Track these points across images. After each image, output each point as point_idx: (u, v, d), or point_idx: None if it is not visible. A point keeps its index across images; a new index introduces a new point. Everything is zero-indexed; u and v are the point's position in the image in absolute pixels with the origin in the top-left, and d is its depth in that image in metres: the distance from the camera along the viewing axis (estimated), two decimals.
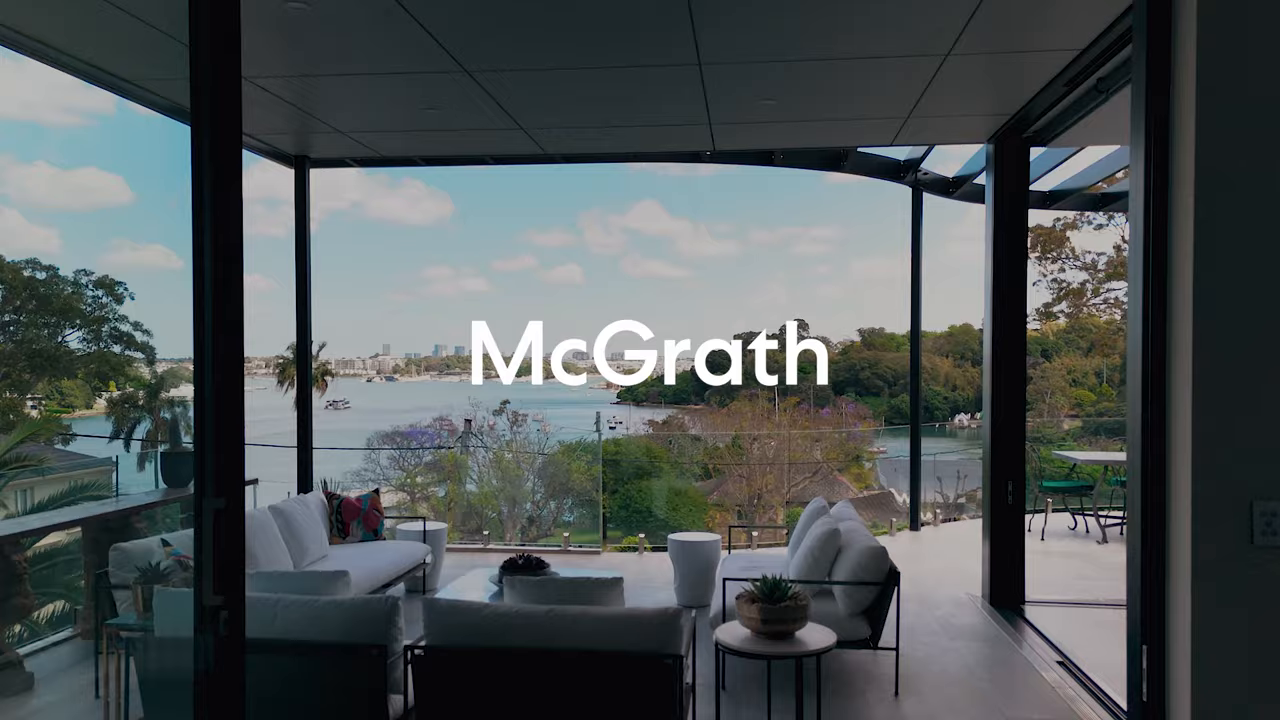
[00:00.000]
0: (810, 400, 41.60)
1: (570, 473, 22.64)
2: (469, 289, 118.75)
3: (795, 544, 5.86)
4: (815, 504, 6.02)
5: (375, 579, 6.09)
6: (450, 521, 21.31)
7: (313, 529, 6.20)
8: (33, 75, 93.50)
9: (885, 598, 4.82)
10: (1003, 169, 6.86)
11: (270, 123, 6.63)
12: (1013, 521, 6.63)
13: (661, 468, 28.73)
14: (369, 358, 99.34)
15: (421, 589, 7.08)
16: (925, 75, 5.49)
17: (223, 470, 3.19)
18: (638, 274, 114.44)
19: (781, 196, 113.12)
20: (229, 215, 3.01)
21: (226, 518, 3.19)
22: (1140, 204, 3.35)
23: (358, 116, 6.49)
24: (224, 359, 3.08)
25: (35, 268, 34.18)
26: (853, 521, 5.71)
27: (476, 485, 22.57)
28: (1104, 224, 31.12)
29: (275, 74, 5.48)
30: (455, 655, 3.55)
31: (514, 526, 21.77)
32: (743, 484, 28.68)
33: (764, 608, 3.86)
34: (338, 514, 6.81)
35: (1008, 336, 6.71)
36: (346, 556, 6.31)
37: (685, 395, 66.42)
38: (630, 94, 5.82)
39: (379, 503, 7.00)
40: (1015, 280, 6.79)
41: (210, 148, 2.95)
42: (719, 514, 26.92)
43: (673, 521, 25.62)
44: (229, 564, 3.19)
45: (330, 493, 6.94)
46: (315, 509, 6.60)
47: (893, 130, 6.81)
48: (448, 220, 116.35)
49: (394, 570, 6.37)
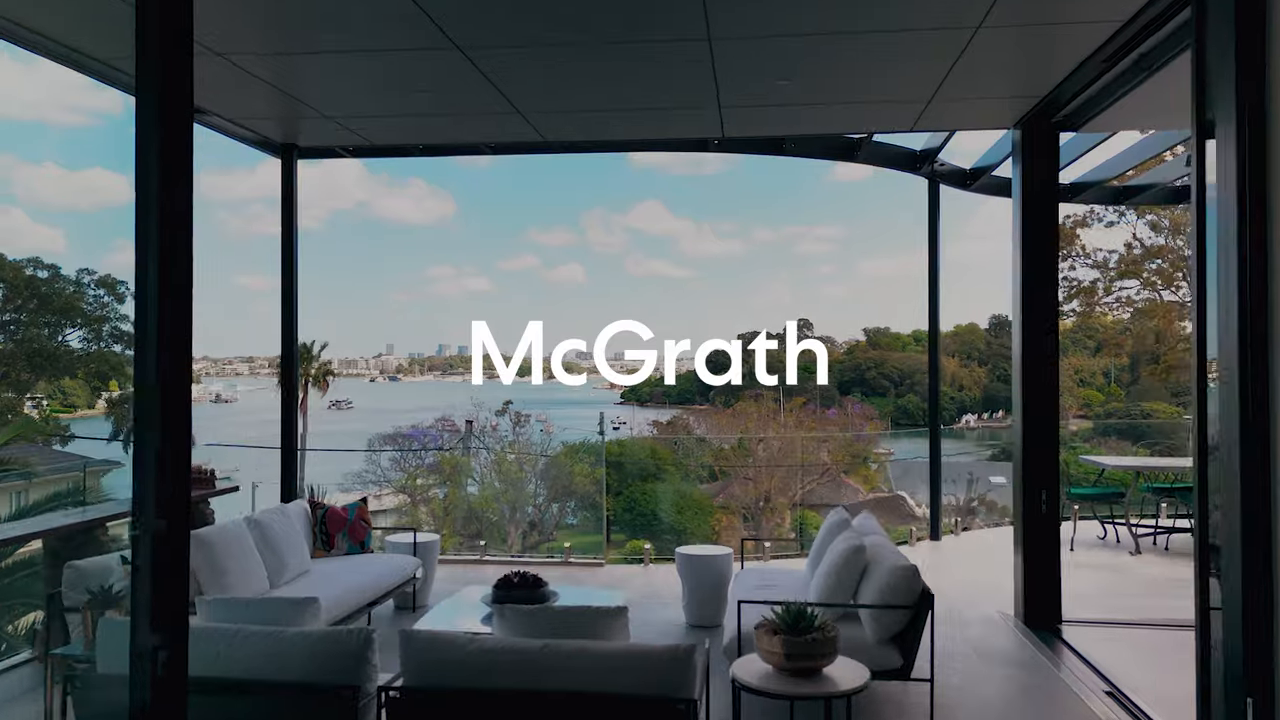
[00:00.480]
0: (816, 401, 41.14)
1: (573, 475, 22.24)
2: (472, 288, 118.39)
3: (815, 559, 5.41)
4: (836, 516, 5.57)
5: (360, 596, 5.66)
6: (450, 526, 20.90)
7: (293, 542, 5.77)
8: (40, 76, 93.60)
9: (918, 622, 4.36)
10: (1030, 157, 6.40)
11: (252, 106, 6.21)
12: (1047, 534, 6.17)
13: (666, 469, 28.34)
14: (372, 357, 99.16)
15: (411, 605, 6.64)
16: (953, 51, 5.05)
17: (166, 487, 2.78)
18: (640, 273, 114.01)
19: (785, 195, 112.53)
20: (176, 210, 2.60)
21: (168, 543, 2.77)
22: (1215, 194, 2.92)
23: (344, 99, 6.06)
24: (170, 352, 2.65)
25: (37, 266, 33.93)
26: (878, 536, 5.25)
27: (478, 487, 22.19)
28: (1114, 221, 30.64)
29: (251, 50, 5.06)
30: (436, 697, 3.11)
31: (515, 530, 21.37)
32: (749, 486, 28.26)
33: (787, 641, 3.42)
34: (322, 525, 6.37)
35: (1038, 337, 6.26)
36: (329, 571, 5.88)
37: (689, 395, 65.98)
38: (633, 72, 5.37)
39: (366, 513, 6.56)
40: (1045, 278, 6.33)
41: (157, 104, 2.54)
42: (725, 516, 26.50)
43: (678, 525, 25.20)
44: (169, 596, 2.77)
45: (315, 502, 6.50)
46: (297, 520, 6.17)
47: (914, 114, 6.36)
48: (450, 219, 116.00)
49: (381, 586, 5.93)
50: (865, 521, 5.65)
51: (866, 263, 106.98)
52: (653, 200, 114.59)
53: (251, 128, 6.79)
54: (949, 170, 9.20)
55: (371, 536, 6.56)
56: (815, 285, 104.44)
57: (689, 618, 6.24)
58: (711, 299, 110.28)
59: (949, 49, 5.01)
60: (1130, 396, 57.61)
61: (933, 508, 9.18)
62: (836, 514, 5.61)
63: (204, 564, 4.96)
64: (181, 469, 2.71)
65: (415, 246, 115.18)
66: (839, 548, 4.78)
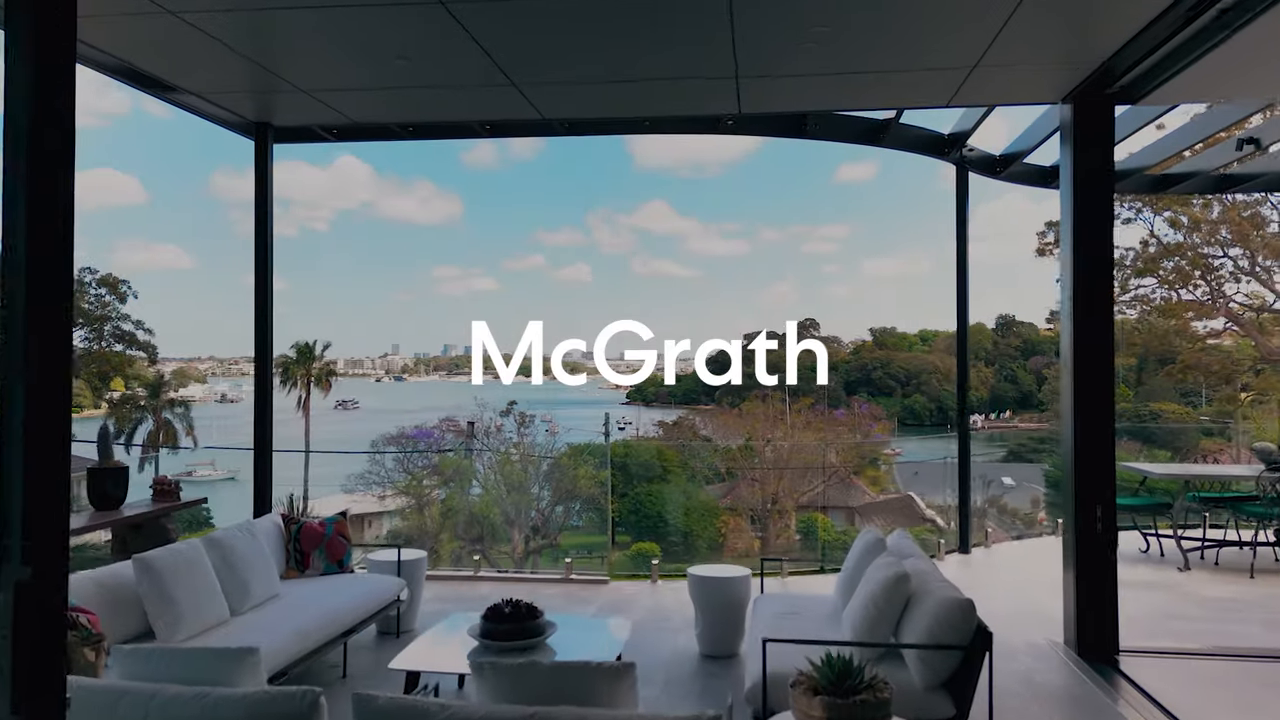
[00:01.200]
0: (824, 401, 40.46)
1: (577, 479, 21.71)
2: (478, 288, 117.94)
3: (846, 585, 4.78)
4: (869, 536, 4.93)
5: (335, 623, 5.04)
6: (450, 530, 20.31)
7: (260, 563, 5.14)
8: None
9: (973, 665, 3.73)
10: (1083, 135, 5.75)
11: (219, 79, 5.60)
12: (1102, 554, 5.53)
13: (673, 472, 27.82)
14: (378, 357, 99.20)
15: (396, 630, 6.02)
16: (1004, 9, 4.42)
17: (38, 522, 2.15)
18: (646, 273, 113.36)
19: (789, 195, 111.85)
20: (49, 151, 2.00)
21: (37, 599, 2.15)
22: None
23: (318, 69, 5.44)
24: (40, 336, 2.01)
25: None
26: (918, 560, 4.62)
27: (482, 488, 21.65)
28: (1131, 218, 29.98)
29: (204, 6, 4.44)
30: None
31: (519, 534, 20.80)
32: (756, 488, 27.64)
33: (830, 704, 2.79)
34: (296, 542, 5.76)
35: (1092, 336, 5.61)
36: (301, 595, 5.26)
37: (695, 395, 65.51)
38: (639, 30, 4.73)
39: (346, 528, 5.94)
40: (1100, 269, 5.68)
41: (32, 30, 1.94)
42: (731, 519, 25.92)
43: (684, 527, 24.59)
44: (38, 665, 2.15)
45: (289, 516, 5.89)
46: (266, 538, 5.56)
47: (952, 86, 5.71)
48: (458, 220, 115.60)
49: (359, 612, 5.31)
50: (901, 542, 5.02)
51: (871, 263, 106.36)
52: (659, 200, 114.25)
53: (222, 104, 6.17)
54: (978, 156, 8.58)
55: (351, 554, 5.94)
56: (821, 285, 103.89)
57: (702, 646, 5.61)
58: (717, 299, 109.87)
59: (1000, 6, 4.38)
60: (1138, 397, 56.92)
61: (961, 518, 8.54)
62: (869, 534, 4.97)
63: (151, 592, 4.35)
64: (58, 499, 2.09)
65: (422, 247, 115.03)
66: (878, 575, 4.15)
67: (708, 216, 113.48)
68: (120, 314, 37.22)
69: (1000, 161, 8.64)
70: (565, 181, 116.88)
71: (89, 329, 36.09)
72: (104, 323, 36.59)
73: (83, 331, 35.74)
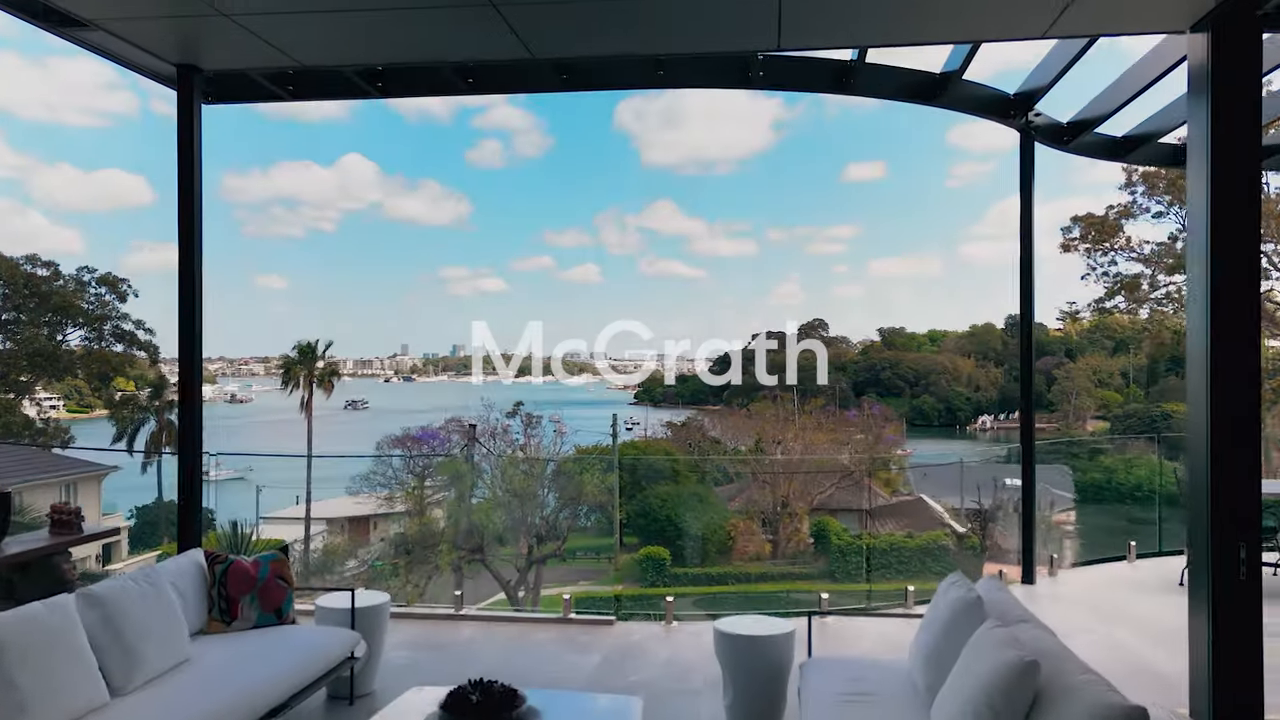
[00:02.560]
0: (835, 401, 39.19)
1: (582, 484, 20.68)
2: (486, 289, 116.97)
3: (933, 656, 3.56)
4: (959, 591, 3.70)
5: (261, 700, 3.84)
6: (449, 539, 19.24)
7: (161, 621, 3.94)
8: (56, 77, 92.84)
9: None
10: (1223, 75, 4.41)
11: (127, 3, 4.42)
12: (1246, 607, 4.30)
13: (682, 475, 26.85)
14: (387, 358, 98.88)
15: (349, 694, 4.83)
16: None
17: None
18: (653, 273, 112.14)
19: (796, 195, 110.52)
20: None
21: None
22: None
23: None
24: None
25: (35, 264, 32.53)
26: (1033, 628, 3.41)
27: (487, 491, 20.70)
28: (1162, 212, 28.73)
29: None
30: None
31: (524, 539, 19.79)
32: (766, 490, 26.56)
33: None
34: (221, 587, 4.56)
35: (1235, 335, 4.34)
36: (219, 660, 4.07)
37: (702, 395, 64.45)
38: None
39: (286, 568, 4.74)
40: (1244, 244, 4.38)
41: None
42: (742, 522, 24.87)
43: (694, 531, 23.51)
44: None
45: (214, 554, 4.68)
46: (182, 583, 4.37)
47: (1054, 9, 4.49)
48: (466, 220, 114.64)
49: (296, 680, 4.11)
50: (1000, 598, 3.79)
51: (880, 263, 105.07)
52: (665, 200, 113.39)
53: (138, 41, 4.98)
54: (1045, 123, 7.37)
55: (292, 600, 4.74)
56: (829, 285, 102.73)
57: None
58: (724, 298, 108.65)
59: None
60: (1149, 397, 55.56)
61: (1024, 546, 7.29)
62: (958, 586, 3.75)
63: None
64: None
65: (430, 247, 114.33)
66: (991, 659, 2.94)
67: (714, 216, 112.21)
68: (120, 313, 36.24)
69: (1068, 130, 7.43)
70: (572, 179, 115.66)
71: (88, 329, 35.13)
72: (103, 322, 35.60)
73: (81, 332, 34.83)
